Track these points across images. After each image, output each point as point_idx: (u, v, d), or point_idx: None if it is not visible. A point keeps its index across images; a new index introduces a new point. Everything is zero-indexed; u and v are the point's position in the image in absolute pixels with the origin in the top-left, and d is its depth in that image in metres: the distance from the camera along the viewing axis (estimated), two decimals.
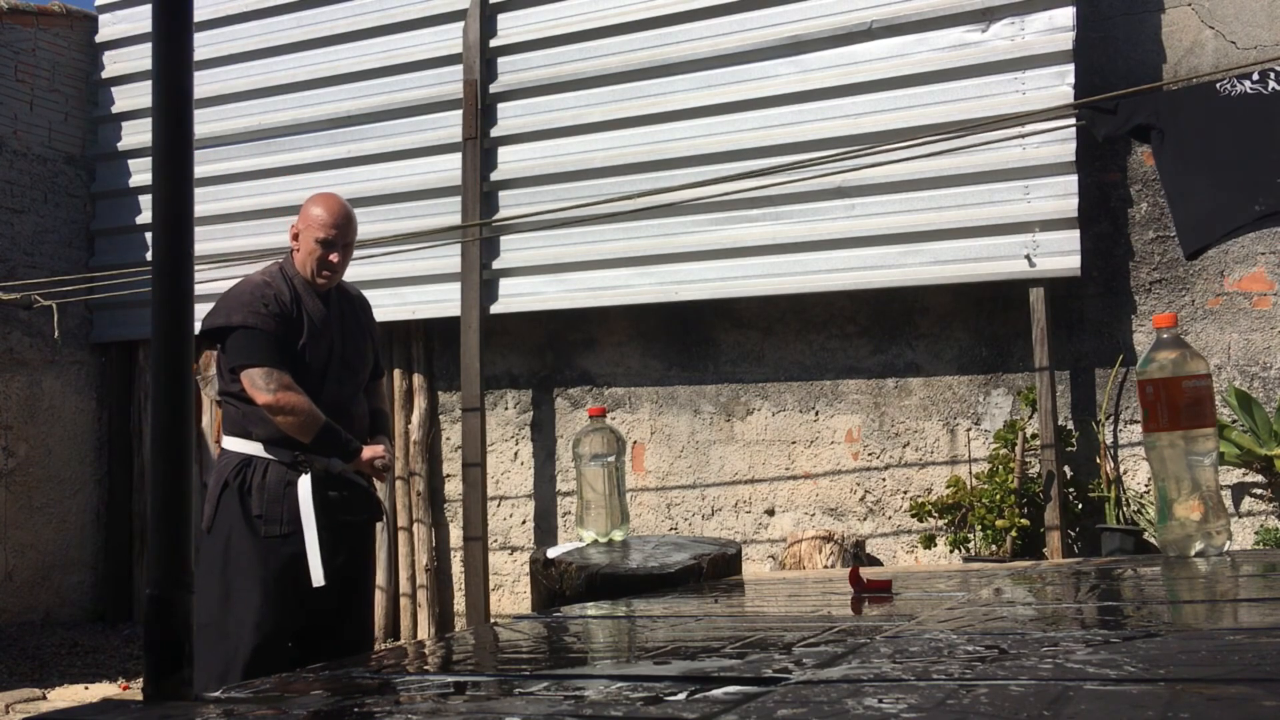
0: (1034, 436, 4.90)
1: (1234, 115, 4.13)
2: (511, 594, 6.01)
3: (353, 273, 3.42)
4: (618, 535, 3.31)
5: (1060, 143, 4.78)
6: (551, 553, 2.96)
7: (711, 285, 5.39)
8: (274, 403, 2.92)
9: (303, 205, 3.16)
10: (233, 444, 3.06)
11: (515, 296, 5.83)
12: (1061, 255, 4.79)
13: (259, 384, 2.93)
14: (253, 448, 3.02)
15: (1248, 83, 4.12)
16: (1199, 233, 4.17)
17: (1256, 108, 4.09)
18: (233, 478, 3.00)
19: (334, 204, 3.12)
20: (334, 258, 3.08)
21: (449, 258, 5.88)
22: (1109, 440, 4.91)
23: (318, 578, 2.92)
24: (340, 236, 3.09)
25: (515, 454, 6.06)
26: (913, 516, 5.06)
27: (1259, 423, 4.58)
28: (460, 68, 5.94)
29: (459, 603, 6.08)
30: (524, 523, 6.03)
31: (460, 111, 5.93)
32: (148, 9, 2.22)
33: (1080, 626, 1.74)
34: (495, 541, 6.01)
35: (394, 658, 1.77)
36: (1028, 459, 4.90)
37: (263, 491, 2.97)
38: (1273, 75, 4.10)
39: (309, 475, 2.98)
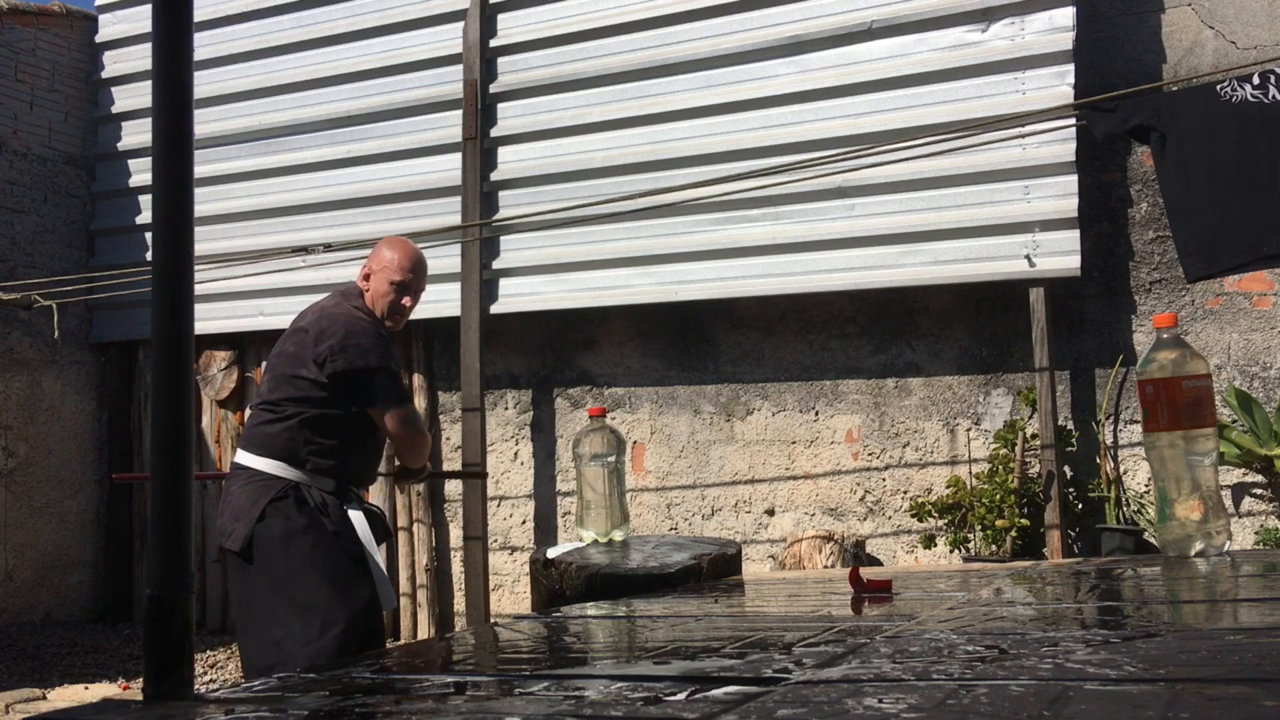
0: (1034, 436, 4.90)
1: (1235, 126, 4.12)
2: (511, 594, 6.01)
3: (353, 272, 3.42)
4: (618, 535, 3.31)
5: (1060, 143, 4.78)
6: (551, 553, 2.96)
7: (711, 285, 5.39)
8: (423, 437, 3.12)
9: (375, 247, 3.21)
10: (271, 466, 2.98)
11: (515, 296, 5.83)
12: (1061, 255, 4.79)
13: (413, 422, 3.08)
14: (298, 475, 2.97)
15: (1249, 87, 4.12)
16: (1203, 260, 4.19)
17: (1258, 118, 4.09)
18: (280, 496, 2.94)
19: (409, 249, 3.19)
20: (406, 301, 3.14)
21: (449, 258, 5.87)
22: (1109, 440, 4.91)
23: (389, 600, 3.01)
24: (415, 281, 3.16)
25: (515, 454, 6.06)
26: (913, 516, 5.06)
27: (1259, 423, 4.58)
28: (460, 68, 5.94)
29: (459, 603, 6.08)
30: (524, 523, 6.03)
31: (460, 111, 5.93)
32: (148, 9, 2.23)
33: (1080, 626, 1.74)
34: (495, 541, 6.01)
35: (394, 658, 1.77)
36: (1028, 459, 4.90)
37: (326, 512, 2.96)
38: (1273, 79, 4.10)
39: (359, 509, 3.05)
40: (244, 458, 3.04)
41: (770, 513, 5.51)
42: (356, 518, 3.02)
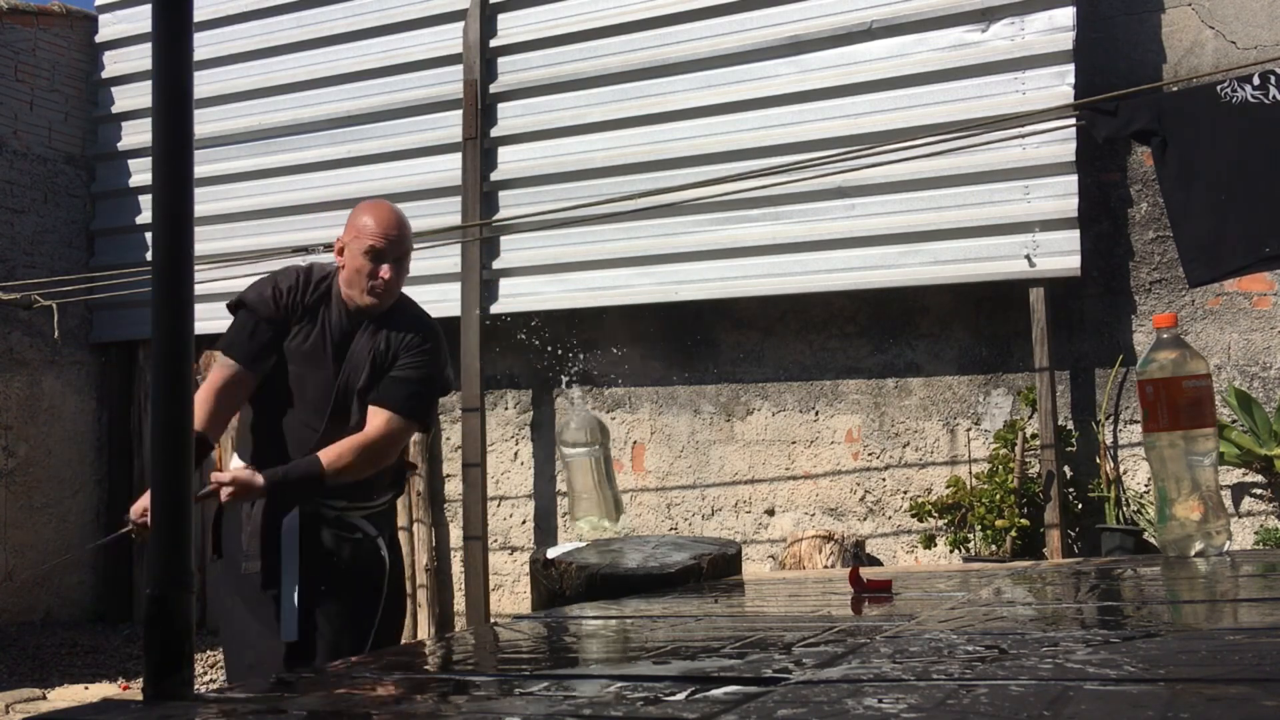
0: (1034, 436, 4.89)
1: (1236, 128, 4.13)
2: (511, 594, 6.01)
3: None
4: (609, 524, 3.30)
5: (1060, 143, 4.78)
6: (551, 553, 2.96)
7: (711, 285, 5.39)
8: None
9: (349, 215, 2.75)
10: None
11: (515, 296, 5.83)
12: (1061, 255, 4.79)
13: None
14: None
15: (1249, 88, 4.12)
16: (1206, 265, 4.20)
17: (1259, 119, 4.09)
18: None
19: (385, 211, 2.71)
20: (385, 272, 2.66)
21: (449, 258, 5.88)
22: (1109, 440, 4.91)
23: (289, 631, 2.55)
24: (393, 248, 2.68)
25: (515, 454, 6.06)
26: (913, 516, 5.06)
27: (1259, 423, 4.58)
28: (460, 68, 5.94)
29: (459, 603, 6.07)
30: (524, 523, 6.03)
31: (460, 111, 5.93)
32: (148, 9, 2.22)
33: (1080, 626, 1.74)
34: (495, 541, 6.01)
35: (394, 657, 1.77)
36: (1028, 459, 4.90)
37: (249, 521, 2.62)
38: (1273, 79, 4.10)
39: (296, 512, 2.63)
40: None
41: (770, 513, 5.51)
42: (286, 524, 2.61)
